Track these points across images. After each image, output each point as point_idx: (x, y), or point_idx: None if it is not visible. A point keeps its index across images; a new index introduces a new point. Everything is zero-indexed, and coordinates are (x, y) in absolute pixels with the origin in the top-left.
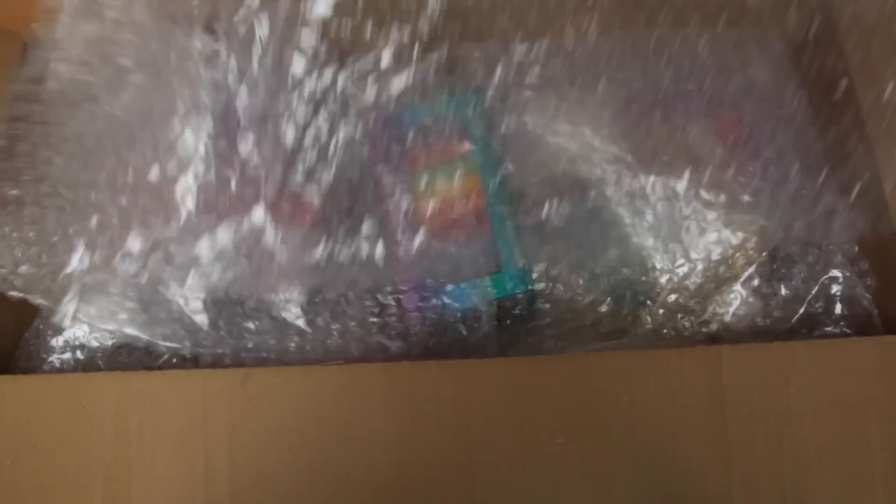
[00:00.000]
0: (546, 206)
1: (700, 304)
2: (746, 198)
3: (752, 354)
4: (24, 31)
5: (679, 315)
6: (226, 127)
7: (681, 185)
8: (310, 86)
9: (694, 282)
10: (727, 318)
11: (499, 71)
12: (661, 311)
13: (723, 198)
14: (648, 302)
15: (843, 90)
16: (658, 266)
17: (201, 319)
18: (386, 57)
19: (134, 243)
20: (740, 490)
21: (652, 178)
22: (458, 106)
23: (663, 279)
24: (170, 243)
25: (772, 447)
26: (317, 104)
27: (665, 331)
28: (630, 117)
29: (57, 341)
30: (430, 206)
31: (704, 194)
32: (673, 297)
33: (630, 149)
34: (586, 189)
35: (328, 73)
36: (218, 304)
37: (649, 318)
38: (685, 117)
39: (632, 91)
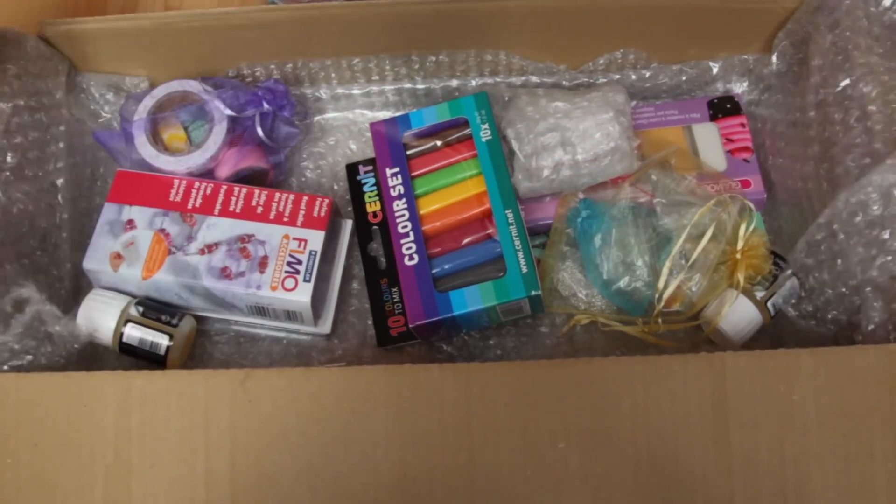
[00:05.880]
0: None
1: (700, 306)
2: (751, 202)
3: (756, 361)
4: (23, 31)
5: (678, 316)
6: None
7: (686, 185)
8: None
9: (695, 283)
10: (727, 321)
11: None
12: (661, 307)
13: (728, 200)
14: (649, 300)
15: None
16: (660, 266)
17: None
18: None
19: None
20: (742, 497)
21: (657, 177)
22: (463, 109)
23: (664, 279)
24: None
25: (774, 454)
26: None
27: (664, 331)
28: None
29: (56, 339)
30: (435, 209)
31: (709, 196)
32: (674, 295)
33: (637, 145)
34: (593, 186)
35: None
36: None
37: (649, 317)
38: (694, 113)
39: (643, 84)
